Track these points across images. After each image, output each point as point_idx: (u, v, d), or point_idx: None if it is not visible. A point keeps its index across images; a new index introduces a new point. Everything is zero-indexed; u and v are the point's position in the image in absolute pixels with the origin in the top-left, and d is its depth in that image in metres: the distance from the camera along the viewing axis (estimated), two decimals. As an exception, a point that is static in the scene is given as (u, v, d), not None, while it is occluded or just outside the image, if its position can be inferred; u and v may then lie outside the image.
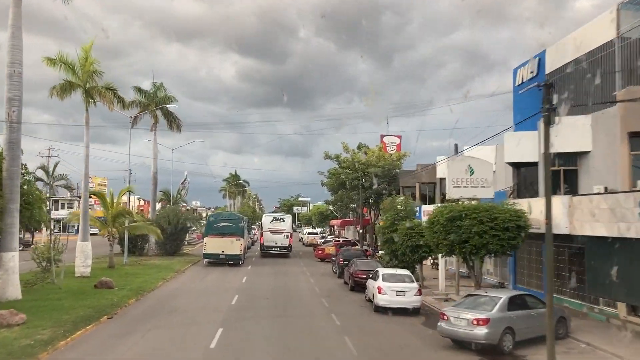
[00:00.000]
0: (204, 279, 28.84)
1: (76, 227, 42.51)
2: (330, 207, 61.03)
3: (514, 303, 14.47)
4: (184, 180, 66.40)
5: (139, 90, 42.68)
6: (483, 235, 17.28)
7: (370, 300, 21.61)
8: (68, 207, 73.20)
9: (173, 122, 43.70)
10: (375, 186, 41.35)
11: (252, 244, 57.26)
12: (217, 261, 35.63)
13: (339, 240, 46.35)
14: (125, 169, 39.80)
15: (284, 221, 45.18)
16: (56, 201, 69.55)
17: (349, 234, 63.83)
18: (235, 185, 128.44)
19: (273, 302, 21.53)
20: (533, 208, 18.55)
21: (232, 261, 35.53)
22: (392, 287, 19.61)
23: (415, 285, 20.07)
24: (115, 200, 32.32)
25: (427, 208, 33.24)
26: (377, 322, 18.13)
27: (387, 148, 47.20)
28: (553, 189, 16.84)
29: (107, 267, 31.02)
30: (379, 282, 20.00)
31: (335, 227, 62.75)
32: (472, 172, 21.82)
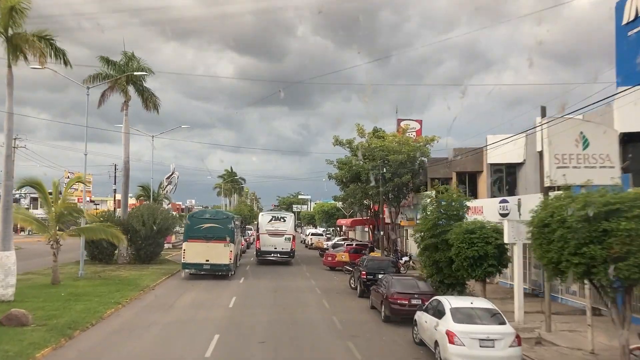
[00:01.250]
0: (176, 303, 20.85)
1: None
2: (339, 204, 53.00)
3: None
4: (171, 174, 58.43)
5: (106, 61, 34.61)
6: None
7: (422, 343, 13.85)
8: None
9: (149, 99, 35.71)
10: (398, 178, 33.49)
11: (248, 247, 49.24)
12: (201, 272, 27.81)
13: (352, 245, 38.37)
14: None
15: (284, 221, 37.21)
16: None
17: (359, 235, 55.90)
18: (231, 182, 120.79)
19: (273, 355, 13.55)
20: None
21: (219, 272, 27.65)
22: (472, 333, 11.70)
23: (509, 329, 12.13)
24: (62, 194, 24.36)
25: (482, 203, 25.32)
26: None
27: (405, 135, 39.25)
28: None
29: (50, 284, 23.16)
30: (447, 323, 12.11)
31: (343, 227, 54.49)
32: (586, 145, 13.89)
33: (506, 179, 26.96)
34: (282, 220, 37.16)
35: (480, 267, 17.75)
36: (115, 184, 62.79)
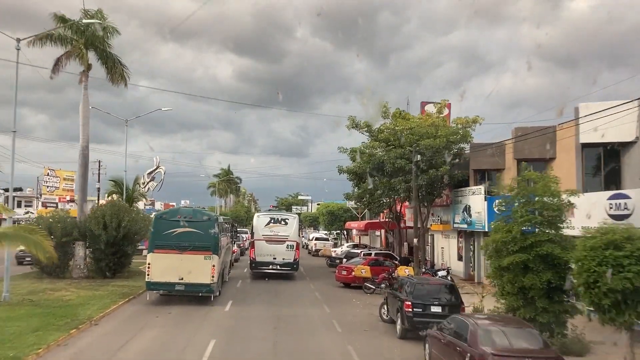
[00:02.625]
0: (116, 356, 13.23)
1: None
2: (350, 203, 45.27)
3: None
4: (154, 169, 50.81)
5: (61, 19, 27.01)
6: None
7: None
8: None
9: (114, 69, 28.07)
10: (434, 170, 25.96)
11: (242, 254, 41.50)
12: (172, 294, 20.30)
13: (371, 254, 30.63)
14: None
15: (286, 224, 29.62)
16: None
17: (371, 240, 48.23)
18: (228, 182, 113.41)
19: None
20: None
21: (197, 293, 20.12)
22: None
23: None
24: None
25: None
26: None
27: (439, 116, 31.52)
28: None
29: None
30: None
31: (354, 231, 46.20)
32: None
33: (604, 164, 19.42)
34: (283, 223, 29.59)
35: (635, 306, 10.25)
36: (99, 181, 56.80)
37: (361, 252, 30.58)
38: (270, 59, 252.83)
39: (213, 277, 20.13)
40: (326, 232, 67.14)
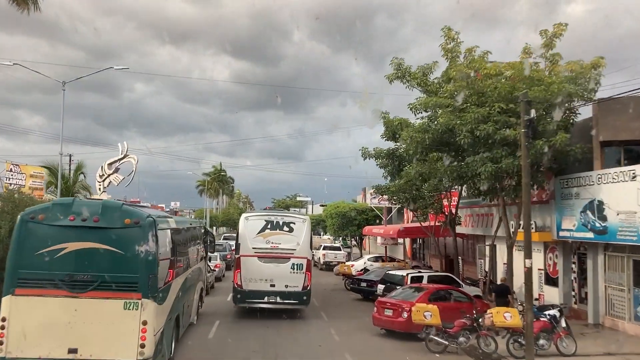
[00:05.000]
0: None
1: None
2: (374, 201, 33.95)
3: None
4: (120, 159, 39.79)
5: None
6: None
7: None
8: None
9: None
10: (544, 140, 15.18)
11: (228, 269, 30.25)
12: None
13: (422, 277, 19.52)
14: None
15: (291, 230, 18.63)
16: None
17: (390, 250, 37.29)
18: (220, 181, 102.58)
19: None
20: None
21: None
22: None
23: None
24: None
25: None
26: None
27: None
28: None
29: None
30: None
31: (378, 239, 33.86)
32: None
33: None
34: (286, 229, 18.64)
35: None
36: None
37: (407, 274, 19.56)
38: (267, 62, 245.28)
39: (143, 347, 9.41)
40: (332, 237, 56.28)
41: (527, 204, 13.81)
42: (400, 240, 38.43)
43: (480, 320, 14.38)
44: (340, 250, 38.88)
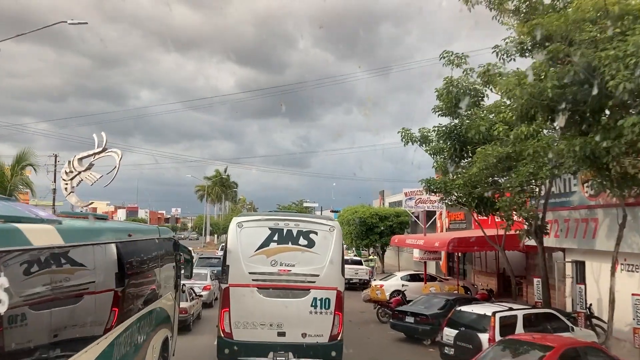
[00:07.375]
0: None
1: None
2: (429, 202, 25.75)
3: None
4: (97, 152, 32.56)
5: None
6: None
7: None
8: None
9: None
10: None
11: (215, 300, 22.73)
12: None
13: (510, 309, 12.29)
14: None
15: (312, 244, 11.47)
16: None
17: (427, 266, 29.95)
18: (222, 186, 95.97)
19: None
20: None
21: None
22: None
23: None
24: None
25: None
26: None
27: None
28: None
29: None
30: None
31: (417, 252, 24.95)
32: None
33: None
34: (303, 241, 11.47)
35: None
36: (54, 181, 42.13)
37: (494, 313, 11.98)
38: (272, 69, 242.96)
39: None
40: (353, 249, 48.40)
41: None
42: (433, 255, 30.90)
43: None
44: (362, 264, 31.62)
